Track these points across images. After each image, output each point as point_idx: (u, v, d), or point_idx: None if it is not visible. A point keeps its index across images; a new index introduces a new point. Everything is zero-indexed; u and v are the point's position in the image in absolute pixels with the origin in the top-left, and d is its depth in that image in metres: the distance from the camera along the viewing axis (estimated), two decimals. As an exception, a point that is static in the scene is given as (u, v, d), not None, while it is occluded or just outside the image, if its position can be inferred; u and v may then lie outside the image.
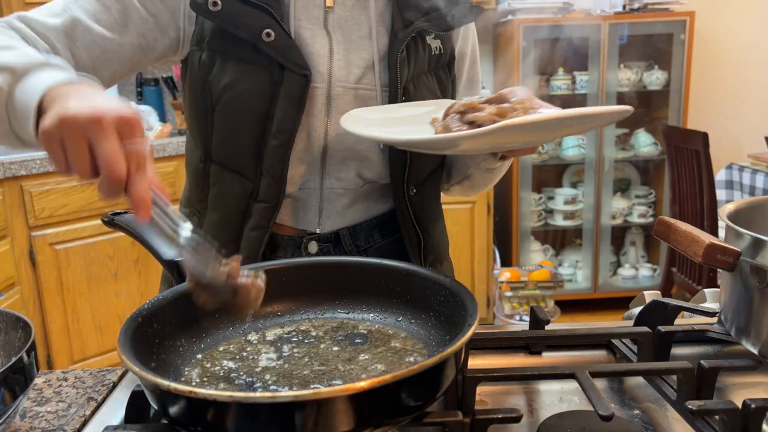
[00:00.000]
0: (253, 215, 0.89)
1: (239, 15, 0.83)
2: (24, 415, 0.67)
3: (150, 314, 0.60)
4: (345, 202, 0.94)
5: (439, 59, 0.95)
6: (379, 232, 0.97)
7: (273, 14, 0.84)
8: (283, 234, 0.94)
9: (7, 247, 2.27)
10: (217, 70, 0.86)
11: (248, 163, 0.88)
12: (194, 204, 0.97)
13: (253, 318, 0.70)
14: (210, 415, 0.46)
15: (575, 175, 3.47)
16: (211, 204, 0.93)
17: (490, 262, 3.10)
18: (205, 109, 0.89)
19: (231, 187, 0.90)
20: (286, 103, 0.85)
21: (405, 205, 0.93)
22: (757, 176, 2.82)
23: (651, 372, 0.68)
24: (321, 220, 0.93)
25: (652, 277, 3.38)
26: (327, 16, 0.89)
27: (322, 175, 0.92)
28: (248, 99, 0.86)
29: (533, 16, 3.08)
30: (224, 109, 0.87)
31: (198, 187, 0.95)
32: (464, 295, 0.61)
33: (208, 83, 0.87)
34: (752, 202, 0.78)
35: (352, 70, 0.89)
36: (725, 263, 0.65)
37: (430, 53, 0.93)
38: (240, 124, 0.87)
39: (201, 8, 0.83)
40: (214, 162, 0.91)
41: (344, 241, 0.95)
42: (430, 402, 0.51)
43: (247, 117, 0.86)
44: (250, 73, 0.85)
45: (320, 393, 0.45)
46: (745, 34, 3.47)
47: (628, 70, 3.20)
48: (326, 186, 0.92)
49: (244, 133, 0.87)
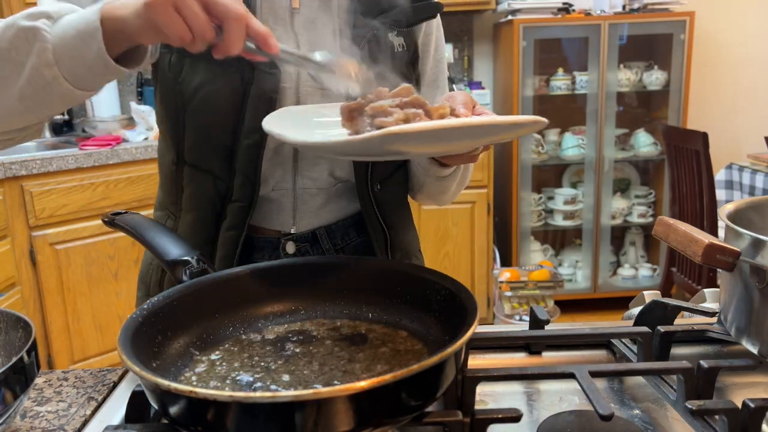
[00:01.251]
0: (228, 216, 0.90)
1: None
2: (24, 415, 0.67)
3: (150, 314, 0.60)
4: (319, 202, 0.94)
5: (402, 57, 0.94)
6: (355, 231, 0.98)
7: None
8: (260, 236, 0.94)
9: (8, 247, 2.27)
10: (187, 71, 0.87)
11: (221, 164, 0.89)
12: (168, 207, 0.97)
13: (254, 318, 0.70)
14: (210, 415, 0.46)
15: (575, 175, 3.47)
16: (185, 206, 0.93)
17: (490, 262, 3.10)
18: (176, 110, 0.89)
19: (204, 187, 0.90)
20: (257, 102, 0.85)
21: (370, 202, 0.93)
22: (757, 176, 2.82)
23: (651, 372, 0.68)
24: (296, 221, 0.94)
25: (651, 277, 3.38)
26: (293, 17, 0.90)
27: (295, 175, 0.92)
28: (219, 99, 0.86)
29: (533, 16, 3.08)
30: (196, 110, 0.87)
31: (171, 190, 0.96)
32: (464, 295, 0.61)
33: (179, 84, 0.87)
34: (752, 202, 0.78)
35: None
36: (725, 263, 0.65)
37: (392, 50, 0.92)
38: (212, 124, 0.87)
39: None
40: (187, 163, 0.91)
41: (321, 240, 0.95)
42: (430, 402, 0.51)
43: (218, 117, 0.87)
44: (221, 74, 0.85)
45: (320, 393, 0.45)
46: (745, 35, 3.47)
47: (628, 70, 3.20)
48: (299, 186, 0.93)
49: (216, 134, 0.88)
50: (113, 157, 2.51)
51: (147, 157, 2.61)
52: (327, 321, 0.70)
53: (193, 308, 0.65)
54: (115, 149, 2.53)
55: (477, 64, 3.52)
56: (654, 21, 3.08)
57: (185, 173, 0.92)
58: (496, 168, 3.33)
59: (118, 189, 2.54)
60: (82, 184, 2.45)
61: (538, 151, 3.27)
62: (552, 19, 3.08)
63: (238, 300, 0.69)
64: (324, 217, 0.95)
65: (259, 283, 0.71)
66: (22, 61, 0.70)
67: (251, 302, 0.70)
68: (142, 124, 2.84)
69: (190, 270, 0.71)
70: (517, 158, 3.17)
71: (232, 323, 0.68)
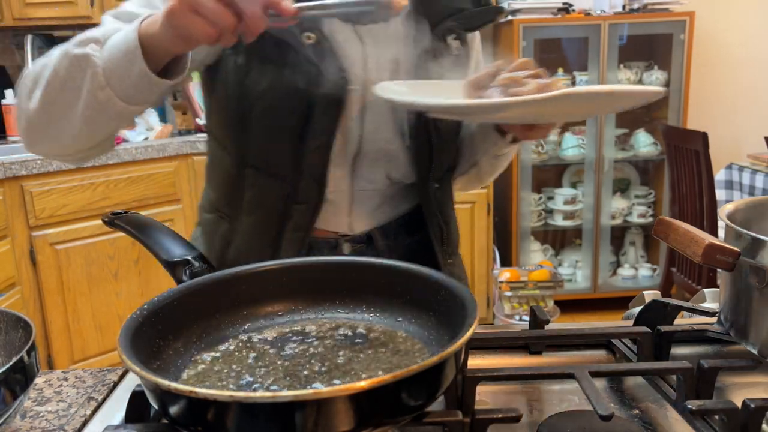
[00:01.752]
0: (294, 217, 0.90)
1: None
2: (24, 415, 0.67)
3: (151, 314, 0.60)
4: (374, 203, 0.96)
5: (457, 60, 0.96)
6: (405, 231, 0.99)
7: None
8: (317, 236, 0.94)
9: (8, 247, 2.27)
10: (255, 73, 0.86)
11: (287, 166, 0.89)
12: (222, 209, 0.97)
13: (254, 318, 0.70)
14: (210, 415, 0.46)
15: (575, 175, 3.47)
16: (246, 208, 0.92)
17: (490, 262, 3.10)
18: (240, 114, 0.89)
19: (268, 190, 0.90)
20: (325, 105, 0.86)
21: (431, 200, 0.96)
22: (757, 176, 2.82)
23: (651, 372, 0.68)
24: (351, 222, 0.95)
25: (651, 277, 3.38)
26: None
27: (353, 177, 0.93)
28: (288, 102, 0.86)
29: (533, 16, 3.08)
30: (262, 113, 0.87)
31: (229, 193, 0.95)
32: (464, 295, 0.61)
33: (245, 87, 0.87)
34: (752, 202, 0.78)
35: (383, 73, 0.90)
36: (725, 263, 0.65)
37: (450, 53, 0.94)
38: (279, 127, 0.87)
39: None
40: (250, 166, 0.91)
41: (376, 241, 0.97)
42: (430, 402, 0.51)
43: (287, 120, 0.87)
44: (289, 76, 0.85)
45: (320, 393, 0.45)
46: (745, 35, 3.47)
47: (628, 70, 3.20)
48: (356, 188, 0.94)
49: (283, 136, 0.88)
50: (113, 157, 2.51)
51: (147, 157, 2.61)
52: (327, 321, 0.70)
53: (193, 308, 0.65)
54: (115, 149, 2.53)
55: (477, 64, 3.52)
56: (654, 21, 3.08)
57: (247, 176, 0.91)
58: (496, 168, 3.33)
59: (118, 189, 2.54)
60: (82, 184, 2.45)
61: (538, 151, 3.27)
62: (552, 19, 3.08)
63: (238, 300, 0.69)
64: (378, 218, 0.97)
65: (259, 283, 0.71)
66: (79, 86, 0.75)
67: (251, 302, 0.70)
68: (142, 124, 2.84)
69: (190, 270, 0.71)
70: (517, 158, 3.17)
71: (232, 323, 0.68)
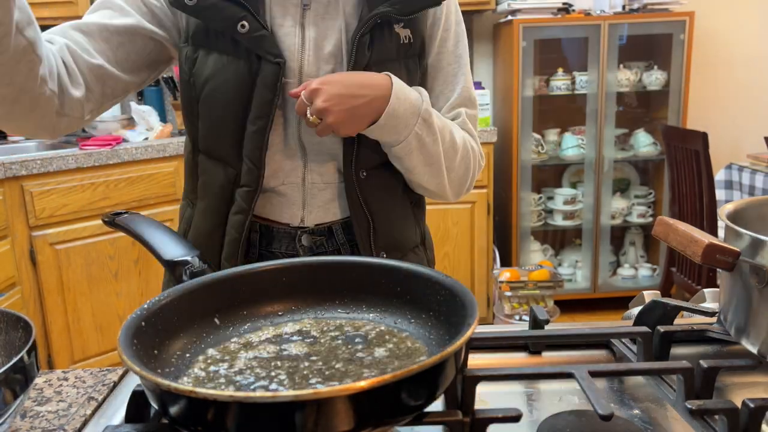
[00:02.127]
0: (236, 200, 0.94)
1: (214, 8, 0.88)
2: (24, 415, 0.67)
3: (151, 314, 0.60)
4: (327, 197, 0.97)
5: (408, 49, 0.95)
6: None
7: (247, 7, 0.88)
8: (279, 228, 0.97)
9: (8, 247, 2.27)
10: (200, 63, 0.91)
11: (230, 151, 0.93)
12: (188, 195, 1.03)
13: (254, 318, 0.70)
14: (210, 415, 0.46)
15: (575, 175, 3.47)
16: (200, 193, 0.98)
17: (490, 262, 3.10)
18: (190, 101, 0.94)
19: (216, 175, 0.95)
20: (262, 90, 0.89)
21: (353, 186, 0.95)
22: (757, 176, 2.82)
23: (650, 372, 0.68)
24: (304, 215, 0.97)
25: (651, 277, 3.38)
26: (304, 13, 0.92)
27: (305, 170, 0.96)
28: (228, 89, 0.90)
29: (533, 16, 3.08)
30: (207, 100, 0.92)
31: (190, 178, 1.01)
32: (464, 295, 0.61)
33: (193, 76, 0.92)
34: (752, 202, 0.78)
35: (322, 65, 0.92)
36: (725, 263, 0.65)
37: (398, 42, 0.94)
38: (222, 113, 0.92)
39: (178, 3, 0.88)
40: (201, 152, 0.97)
41: (337, 235, 0.99)
42: (430, 402, 0.51)
43: (227, 107, 0.91)
44: (231, 65, 0.90)
45: (320, 393, 0.45)
46: (745, 34, 3.47)
47: (628, 70, 3.20)
48: (308, 181, 0.96)
49: (225, 122, 0.92)
50: (113, 157, 2.51)
51: (147, 157, 2.61)
52: (327, 321, 0.70)
53: (193, 308, 0.65)
54: (115, 149, 2.53)
55: (477, 64, 3.52)
56: (654, 21, 3.08)
57: (200, 162, 0.97)
58: (496, 168, 3.33)
59: (118, 189, 2.54)
60: (82, 184, 2.45)
61: (538, 151, 3.27)
62: (552, 19, 3.08)
63: (238, 300, 0.69)
64: (332, 212, 0.98)
65: (259, 283, 0.71)
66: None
67: (251, 302, 0.70)
68: (142, 124, 2.84)
69: (190, 270, 0.71)
70: (517, 158, 3.17)
71: (232, 323, 0.68)
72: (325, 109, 0.86)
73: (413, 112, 0.91)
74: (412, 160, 0.95)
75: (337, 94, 0.86)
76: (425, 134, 0.93)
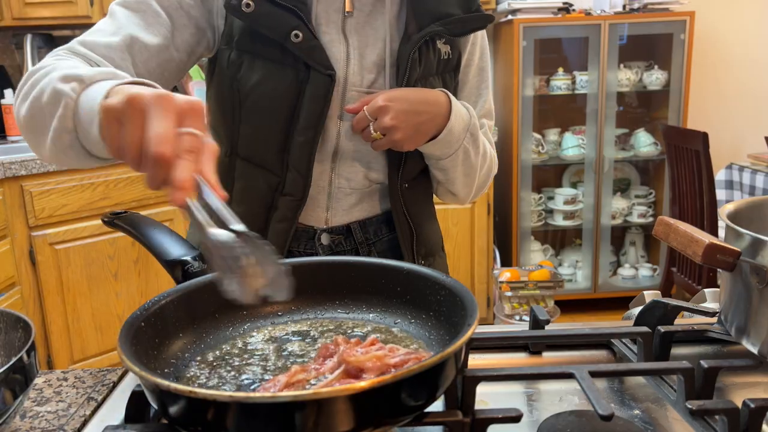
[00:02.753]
0: (280, 208, 0.94)
1: (270, 16, 0.86)
2: (24, 415, 0.67)
3: (150, 314, 0.60)
4: (351, 201, 0.98)
5: (447, 63, 0.98)
6: (387, 227, 1.02)
7: (301, 16, 0.87)
8: (298, 227, 0.97)
9: (7, 247, 2.27)
10: (246, 68, 0.90)
11: (274, 158, 0.92)
12: None
13: (254, 318, 0.70)
14: (210, 415, 0.46)
15: (575, 175, 3.47)
16: (236, 197, 0.96)
17: (490, 262, 3.10)
18: (232, 106, 0.92)
19: (257, 181, 0.94)
20: (312, 101, 0.89)
21: (398, 199, 0.97)
22: (757, 176, 2.82)
23: (651, 372, 0.68)
24: (328, 217, 0.98)
25: (652, 277, 3.38)
26: (345, 21, 0.92)
27: (332, 174, 0.96)
28: (275, 97, 0.89)
29: (533, 16, 3.08)
30: (252, 106, 0.91)
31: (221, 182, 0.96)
32: (464, 295, 0.61)
33: (237, 81, 0.91)
34: (752, 202, 0.78)
35: (366, 74, 0.93)
36: (725, 263, 0.65)
37: (439, 57, 0.96)
38: (267, 121, 0.91)
39: (234, 9, 0.86)
40: (240, 156, 0.95)
41: (355, 233, 1.00)
42: (430, 402, 0.51)
43: (274, 114, 0.90)
44: (278, 73, 0.89)
45: (320, 393, 0.45)
46: (745, 34, 3.47)
47: (628, 70, 3.20)
48: (335, 185, 0.97)
49: (271, 130, 0.91)
50: (113, 157, 2.51)
51: (147, 157, 2.60)
52: (327, 321, 0.70)
53: (192, 308, 0.65)
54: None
55: (477, 64, 3.52)
56: (654, 21, 3.08)
57: (237, 166, 0.95)
58: (496, 168, 3.33)
59: (118, 189, 2.54)
60: (81, 184, 2.45)
61: (538, 150, 3.27)
62: (552, 19, 3.08)
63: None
64: (355, 215, 0.99)
65: (259, 283, 0.70)
66: (51, 119, 0.70)
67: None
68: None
69: (190, 270, 0.71)
70: (517, 158, 3.17)
71: (232, 323, 0.68)
72: (393, 127, 0.87)
73: (464, 128, 0.94)
74: (456, 172, 0.99)
75: (404, 111, 0.88)
76: (471, 147, 0.97)
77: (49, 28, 2.96)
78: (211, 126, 0.99)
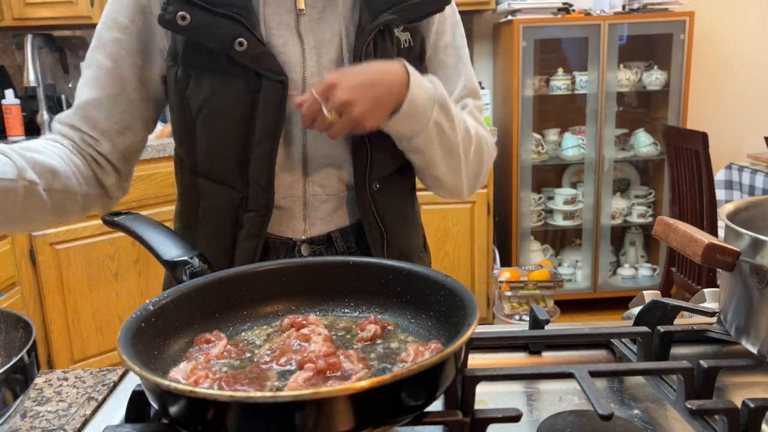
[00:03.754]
0: (245, 225, 0.89)
1: (209, 26, 0.83)
2: (24, 415, 0.67)
3: (151, 314, 0.60)
4: (329, 208, 0.94)
5: (409, 51, 0.92)
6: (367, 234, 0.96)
7: (243, 23, 0.83)
8: (275, 240, 0.94)
9: (8, 246, 2.27)
10: (193, 84, 0.86)
11: (234, 174, 0.88)
12: (187, 218, 0.97)
13: (254, 318, 0.70)
14: (210, 415, 0.46)
15: (575, 175, 3.47)
16: (202, 217, 0.93)
17: (490, 262, 3.10)
18: (185, 123, 0.89)
19: (219, 199, 0.90)
20: (266, 111, 0.85)
21: (367, 199, 0.92)
22: (757, 176, 2.82)
23: (651, 372, 0.68)
24: (306, 227, 0.94)
25: (651, 277, 3.38)
26: (299, 20, 0.88)
27: (305, 182, 0.92)
28: (228, 111, 0.85)
29: (533, 16, 3.08)
30: (205, 122, 0.87)
31: (188, 201, 0.96)
32: (464, 294, 0.61)
33: (186, 98, 0.87)
34: (752, 202, 0.78)
35: (324, 74, 0.88)
36: (725, 263, 0.65)
37: (399, 46, 0.91)
38: (222, 136, 0.87)
39: (169, 23, 0.83)
40: (201, 175, 0.92)
41: (336, 242, 0.95)
42: (430, 402, 0.51)
43: (228, 129, 0.86)
44: (227, 85, 0.85)
45: (320, 393, 0.45)
46: (745, 34, 3.47)
47: (628, 70, 3.20)
48: (310, 193, 0.93)
49: (227, 145, 0.87)
50: (113, 157, 2.51)
51: (147, 157, 2.61)
52: (327, 321, 0.70)
53: (193, 308, 0.65)
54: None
55: (477, 64, 3.52)
56: (654, 21, 3.08)
57: (200, 185, 0.92)
58: (496, 168, 3.33)
59: (118, 189, 2.54)
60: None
61: (538, 151, 3.27)
62: (552, 19, 3.09)
63: (238, 300, 0.69)
64: (334, 222, 0.95)
65: (259, 283, 0.71)
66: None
67: (251, 302, 0.70)
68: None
69: (190, 270, 0.71)
70: (517, 158, 3.17)
71: (232, 323, 0.68)
72: (349, 102, 0.79)
73: (429, 98, 0.86)
74: (433, 150, 0.90)
75: (358, 84, 0.80)
76: (443, 120, 0.88)
77: (49, 29, 2.96)
78: (176, 145, 0.96)
